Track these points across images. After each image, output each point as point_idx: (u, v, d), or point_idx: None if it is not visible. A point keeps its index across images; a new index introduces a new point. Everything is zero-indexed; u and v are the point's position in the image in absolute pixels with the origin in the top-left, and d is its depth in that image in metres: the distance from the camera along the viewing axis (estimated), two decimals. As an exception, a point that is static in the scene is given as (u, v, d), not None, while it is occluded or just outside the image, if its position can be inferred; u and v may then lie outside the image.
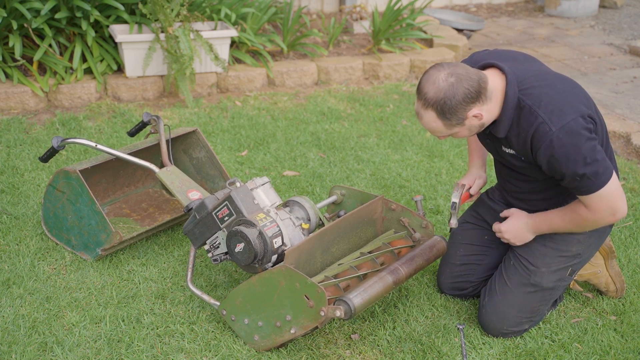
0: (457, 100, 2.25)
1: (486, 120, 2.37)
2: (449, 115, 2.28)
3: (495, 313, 2.62)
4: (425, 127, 2.38)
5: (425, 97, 2.27)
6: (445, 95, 2.25)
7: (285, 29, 5.38)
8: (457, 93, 2.25)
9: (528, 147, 2.35)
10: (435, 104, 2.26)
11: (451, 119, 2.29)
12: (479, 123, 2.36)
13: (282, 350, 2.53)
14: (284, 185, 3.71)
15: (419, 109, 2.32)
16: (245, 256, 2.49)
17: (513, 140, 2.40)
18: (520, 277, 2.61)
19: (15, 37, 4.44)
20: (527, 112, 2.32)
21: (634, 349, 2.64)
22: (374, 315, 2.75)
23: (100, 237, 2.90)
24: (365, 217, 2.73)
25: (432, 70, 2.29)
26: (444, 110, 2.27)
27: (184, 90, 4.63)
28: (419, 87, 2.30)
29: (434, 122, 2.32)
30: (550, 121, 2.27)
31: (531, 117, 2.31)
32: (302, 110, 4.76)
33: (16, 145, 4.00)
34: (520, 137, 2.36)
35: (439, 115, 2.29)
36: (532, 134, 2.31)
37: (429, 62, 5.55)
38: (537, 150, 2.31)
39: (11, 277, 2.85)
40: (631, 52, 6.29)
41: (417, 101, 2.33)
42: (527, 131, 2.32)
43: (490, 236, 2.80)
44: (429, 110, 2.29)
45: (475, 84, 2.27)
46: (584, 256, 2.63)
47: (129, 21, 4.70)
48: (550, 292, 2.63)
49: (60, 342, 2.52)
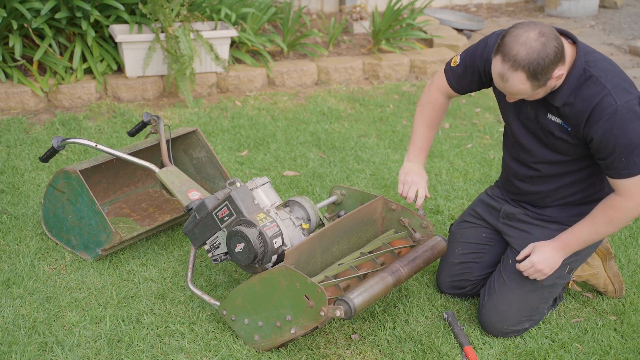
0: (549, 60, 2.20)
1: (557, 83, 2.33)
2: (540, 76, 2.22)
3: (494, 312, 2.62)
4: (506, 90, 2.30)
5: (516, 58, 2.19)
6: (538, 56, 2.19)
7: (285, 29, 5.38)
8: (549, 53, 2.19)
9: (584, 117, 2.32)
10: (527, 65, 2.20)
11: (540, 79, 2.24)
12: (554, 85, 2.32)
13: (282, 350, 2.53)
14: (284, 185, 3.71)
15: (505, 71, 2.23)
16: (246, 256, 2.49)
17: (567, 109, 2.36)
18: (518, 275, 2.61)
19: (15, 37, 4.44)
20: (592, 82, 2.31)
21: (634, 349, 2.64)
22: (374, 315, 2.75)
23: (100, 237, 2.90)
24: (366, 217, 2.73)
25: (518, 30, 2.22)
26: (536, 72, 2.21)
27: (184, 90, 4.63)
28: (505, 48, 2.22)
29: (522, 83, 2.25)
30: (615, 94, 2.27)
31: (597, 87, 2.29)
32: (302, 110, 4.76)
33: (16, 145, 4.00)
34: (577, 107, 2.33)
35: (529, 77, 2.22)
36: (596, 104, 2.29)
37: (429, 62, 5.55)
38: (597, 122, 2.29)
39: (11, 277, 2.86)
40: (631, 52, 6.29)
41: (501, 62, 2.23)
42: (590, 101, 2.30)
43: (488, 234, 2.81)
44: (519, 71, 2.21)
45: (560, 43, 2.23)
46: (581, 254, 2.63)
47: (129, 21, 4.70)
48: (549, 289, 2.63)
49: (60, 342, 2.52)
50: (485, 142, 4.40)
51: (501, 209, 2.75)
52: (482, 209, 2.83)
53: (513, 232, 2.72)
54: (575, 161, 2.47)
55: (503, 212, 2.74)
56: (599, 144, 2.32)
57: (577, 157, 2.46)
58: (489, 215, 2.80)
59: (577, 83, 2.33)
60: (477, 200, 2.89)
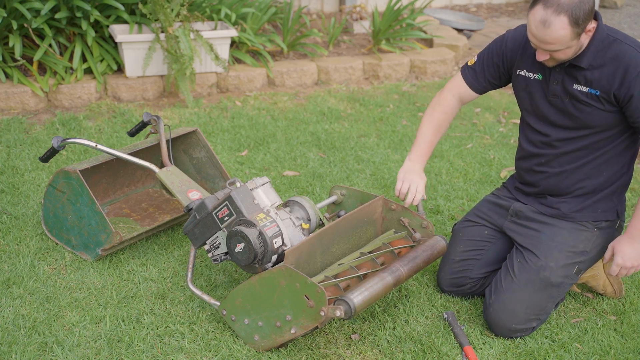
0: (589, 7, 2.28)
1: (584, 43, 2.39)
2: (580, 21, 2.28)
3: (503, 311, 2.61)
4: (546, 37, 2.32)
5: (560, 2, 2.25)
6: (580, 1, 2.26)
7: (285, 29, 5.38)
8: (589, 0, 2.28)
9: (618, 76, 2.38)
10: (571, 9, 2.25)
11: (580, 26, 2.29)
12: (582, 43, 2.38)
13: (282, 350, 2.53)
14: (284, 185, 3.71)
15: (548, 16, 2.27)
16: (246, 256, 2.49)
17: (595, 73, 2.43)
18: (528, 273, 2.61)
19: (15, 37, 4.44)
20: (617, 44, 2.40)
21: (634, 349, 2.64)
22: (374, 315, 2.75)
23: (100, 237, 2.90)
24: (366, 217, 2.73)
25: None
26: (578, 17, 2.26)
27: (184, 90, 4.63)
28: None
29: (564, 29, 2.28)
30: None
31: (624, 47, 2.40)
32: (302, 110, 4.76)
33: (16, 145, 4.00)
34: (607, 69, 2.41)
35: (571, 22, 2.27)
36: (628, 62, 2.37)
37: (429, 62, 5.56)
38: (633, 80, 2.36)
39: (11, 277, 2.86)
40: (631, 52, 6.29)
41: (543, 8, 2.28)
42: (621, 60, 2.38)
43: (490, 232, 2.81)
44: (562, 15, 2.26)
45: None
46: (590, 255, 2.64)
47: (129, 21, 4.70)
48: (558, 288, 2.63)
49: (60, 342, 2.52)
50: (485, 142, 4.40)
51: (510, 207, 2.76)
52: (488, 208, 2.84)
53: (521, 230, 2.72)
54: (603, 133, 2.51)
55: (512, 210, 2.75)
56: (638, 102, 2.38)
57: (607, 127, 2.50)
58: (495, 215, 2.80)
59: (601, 46, 2.42)
60: (483, 201, 2.89)
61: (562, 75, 2.50)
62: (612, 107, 2.45)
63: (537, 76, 2.58)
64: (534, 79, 2.59)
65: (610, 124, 2.50)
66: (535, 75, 2.59)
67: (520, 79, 2.65)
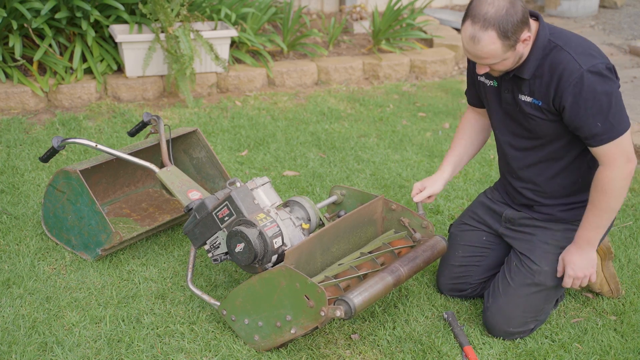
0: (517, 19, 2.24)
1: (524, 52, 2.36)
2: (510, 34, 2.25)
3: (500, 314, 2.61)
4: (478, 53, 2.31)
5: (485, 17, 2.23)
6: (507, 13, 2.23)
7: (285, 29, 5.38)
8: (517, 11, 2.24)
9: (553, 88, 2.35)
10: (497, 22, 2.23)
11: (510, 38, 2.26)
12: (521, 52, 2.35)
13: (282, 350, 2.53)
14: (284, 185, 3.71)
15: (476, 32, 2.26)
16: (246, 256, 2.49)
17: (536, 82, 2.40)
18: (524, 277, 2.61)
19: (15, 37, 4.44)
20: (557, 51, 2.35)
21: (634, 349, 2.64)
22: (374, 315, 2.75)
23: (100, 237, 2.90)
24: (366, 217, 2.73)
25: None
26: (506, 30, 2.24)
27: (184, 90, 4.63)
28: (473, 11, 2.26)
29: (493, 43, 2.27)
30: (580, 60, 2.30)
31: (561, 55, 2.34)
32: (302, 110, 4.76)
33: (16, 145, 4.00)
34: (545, 79, 2.37)
35: (500, 36, 2.25)
36: (562, 72, 2.32)
37: (429, 62, 5.55)
38: (565, 90, 2.32)
39: (11, 277, 2.86)
40: (631, 52, 6.29)
41: (471, 25, 2.26)
42: (555, 69, 2.34)
43: (488, 237, 2.80)
44: (489, 30, 2.24)
45: (525, 6, 2.29)
46: None
47: (129, 21, 4.70)
48: (554, 290, 2.63)
49: (60, 342, 2.52)
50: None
51: (503, 214, 2.75)
52: (483, 212, 2.83)
53: (516, 235, 2.71)
54: (556, 142, 2.48)
55: (505, 217, 2.74)
56: (571, 112, 2.34)
57: (557, 136, 2.47)
58: (491, 219, 2.80)
59: (542, 54, 2.38)
60: (477, 202, 2.88)
61: (511, 84, 2.49)
62: (554, 117, 2.42)
63: (492, 83, 2.58)
64: (490, 85, 2.59)
65: (559, 133, 2.46)
66: (491, 82, 2.58)
67: (481, 85, 2.64)
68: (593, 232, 2.51)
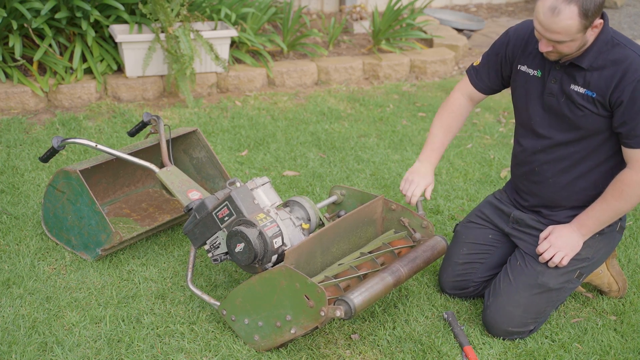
0: (600, 1, 2.24)
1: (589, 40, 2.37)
2: (590, 14, 2.24)
3: (500, 313, 2.61)
4: (552, 26, 2.29)
5: None
6: None
7: (285, 29, 5.38)
8: None
9: (614, 80, 2.36)
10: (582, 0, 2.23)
11: (588, 19, 2.26)
12: (587, 39, 2.35)
13: (282, 350, 2.53)
14: (284, 185, 3.71)
15: (559, 4, 2.23)
16: (246, 256, 2.49)
17: (594, 74, 2.41)
18: (526, 277, 2.61)
19: (15, 37, 4.44)
20: (620, 48, 2.38)
21: (634, 349, 2.64)
22: (374, 315, 2.75)
23: (100, 237, 2.90)
24: (366, 217, 2.73)
25: None
26: (588, 9, 2.23)
27: (184, 90, 4.63)
28: None
29: (572, 19, 2.25)
30: None
31: (626, 51, 2.37)
32: (302, 110, 4.76)
33: (16, 145, 4.00)
34: (606, 72, 2.39)
35: (580, 13, 2.24)
36: (627, 67, 2.35)
37: (429, 62, 5.56)
38: (628, 85, 2.34)
39: (11, 277, 2.86)
40: (631, 52, 6.28)
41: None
42: (620, 64, 2.36)
43: (494, 235, 2.80)
44: (572, 5, 2.23)
45: None
46: (593, 260, 2.63)
47: (129, 21, 4.70)
48: (557, 293, 2.63)
49: (60, 342, 2.52)
50: (485, 142, 4.40)
51: (511, 214, 2.75)
52: (491, 211, 2.83)
53: (523, 236, 2.71)
54: (593, 138, 2.49)
55: (513, 217, 2.74)
56: (627, 108, 2.36)
57: (596, 132, 2.48)
58: (498, 218, 2.79)
59: (604, 48, 2.40)
60: (485, 202, 2.88)
61: (560, 74, 2.49)
62: (605, 112, 2.43)
63: (536, 73, 2.57)
64: (533, 75, 2.58)
65: (600, 128, 2.47)
66: (535, 71, 2.58)
67: (520, 75, 2.63)
68: (591, 222, 2.53)
